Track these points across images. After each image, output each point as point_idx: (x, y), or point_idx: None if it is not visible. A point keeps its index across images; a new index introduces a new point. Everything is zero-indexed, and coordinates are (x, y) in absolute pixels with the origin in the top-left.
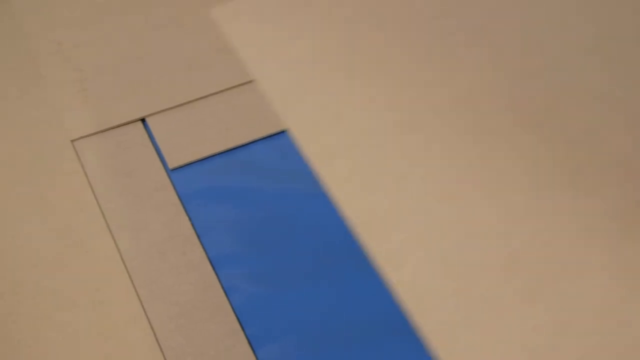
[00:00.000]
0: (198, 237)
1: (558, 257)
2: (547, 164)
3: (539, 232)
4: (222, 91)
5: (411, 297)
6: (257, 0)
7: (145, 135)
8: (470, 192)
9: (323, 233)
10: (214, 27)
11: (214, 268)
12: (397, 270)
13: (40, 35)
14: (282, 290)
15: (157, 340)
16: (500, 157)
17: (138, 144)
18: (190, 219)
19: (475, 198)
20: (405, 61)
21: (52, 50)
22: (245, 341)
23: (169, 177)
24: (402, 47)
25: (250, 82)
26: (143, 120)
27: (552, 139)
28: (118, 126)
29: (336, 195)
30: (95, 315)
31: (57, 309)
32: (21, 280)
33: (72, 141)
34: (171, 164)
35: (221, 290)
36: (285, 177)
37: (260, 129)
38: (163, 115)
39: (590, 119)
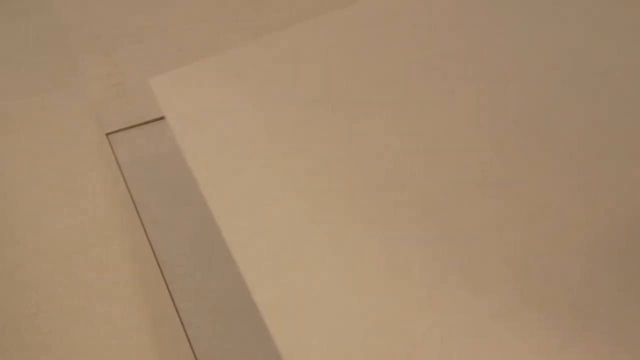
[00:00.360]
0: None
1: (452, 354)
2: (445, 260)
3: (435, 327)
4: None
5: None
6: (194, 72)
7: None
8: (374, 284)
9: None
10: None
11: None
12: None
13: (79, 28)
14: None
15: (186, 334)
16: (404, 250)
17: (172, 139)
18: None
19: (379, 290)
20: (325, 144)
21: (90, 44)
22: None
23: None
24: (321, 131)
25: None
26: None
27: (450, 235)
28: (152, 121)
29: (247, 279)
30: (125, 308)
31: (88, 301)
32: (53, 271)
33: (107, 134)
34: None
35: None
36: None
37: None
38: None
39: (486, 215)
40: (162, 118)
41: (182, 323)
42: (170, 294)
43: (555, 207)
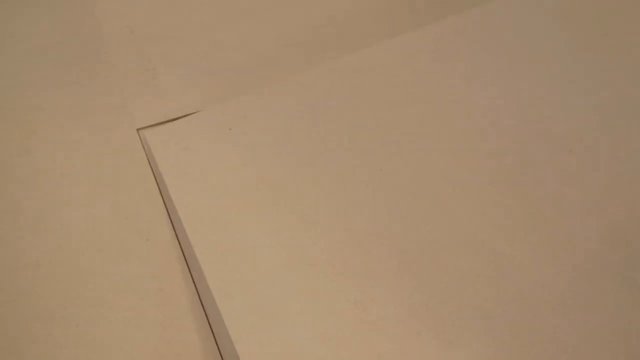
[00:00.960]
0: None
1: None
2: (420, 311)
3: None
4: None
5: None
6: (188, 125)
7: None
8: (350, 335)
9: None
10: (287, 21)
11: None
12: None
13: (113, 22)
14: None
15: (211, 330)
16: (379, 303)
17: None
18: None
19: (355, 344)
20: (312, 198)
21: (124, 39)
22: None
23: None
24: (310, 184)
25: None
26: None
27: (428, 286)
28: (184, 117)
29: (230, 330)
30: (152, 303)
31: (116, 294)
32: (83, 265)
33: (138, 130)
34: None
35: None
36: None
37: None
38: None
39: (464, 269)
40: (193, 114)
41: (207, 319)
42: (196, 289)
43: (524, 265)
